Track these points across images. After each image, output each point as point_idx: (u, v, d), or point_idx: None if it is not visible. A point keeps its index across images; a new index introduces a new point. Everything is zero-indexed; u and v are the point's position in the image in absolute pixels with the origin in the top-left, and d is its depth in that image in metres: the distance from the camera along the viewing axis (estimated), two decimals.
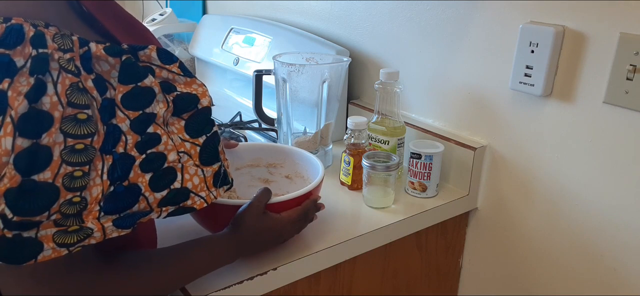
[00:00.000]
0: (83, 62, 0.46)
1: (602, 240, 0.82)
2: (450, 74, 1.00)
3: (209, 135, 0.55)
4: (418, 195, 0.95)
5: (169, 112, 0.52)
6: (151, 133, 0.50)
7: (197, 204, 0.54)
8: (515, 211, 0.94)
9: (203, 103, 0.54)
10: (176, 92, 0.52)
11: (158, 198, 0.50)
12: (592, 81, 0.79)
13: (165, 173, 0.51)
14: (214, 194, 0.56)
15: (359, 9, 1.17)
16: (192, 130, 0.53)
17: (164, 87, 0.52)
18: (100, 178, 0.46)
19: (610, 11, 0.75)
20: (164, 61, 0.52)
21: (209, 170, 0.55)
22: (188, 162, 0.52)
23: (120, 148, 0.48)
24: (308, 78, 0.99)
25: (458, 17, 0.96)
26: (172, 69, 0.53)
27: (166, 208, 0.51)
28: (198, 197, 0.54)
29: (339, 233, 0.81)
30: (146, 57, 0.51)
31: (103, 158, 0.47)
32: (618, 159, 0.78)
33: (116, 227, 0.48)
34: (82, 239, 0.46)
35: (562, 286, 0.90)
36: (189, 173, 0.52)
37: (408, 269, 0.96)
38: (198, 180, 0.53)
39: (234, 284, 0.69)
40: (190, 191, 0.53)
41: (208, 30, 1.56)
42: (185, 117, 0.53)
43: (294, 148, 0.92)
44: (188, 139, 0.53)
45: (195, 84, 0.55)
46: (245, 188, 0.89)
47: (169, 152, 0.51)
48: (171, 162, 0.51)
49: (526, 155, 0.90)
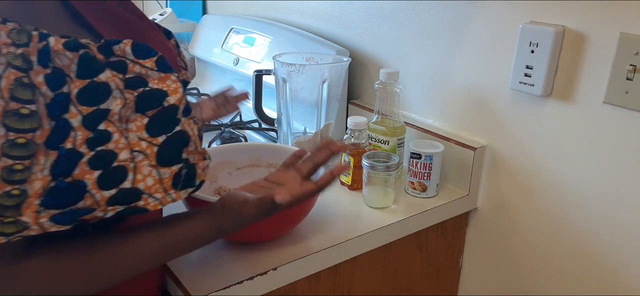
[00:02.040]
0: (40, 56, 0.46)
1: (602, 240, 0.83)
2: (450, 74, 1.00)
3: (169, 134, 0.53)
4: (418, 195, 0.95)
5: (128, 109, 0.50)
6: (102, 130, 0.49)
7: (150, 205, 0.52)
8: (515, 211, 0.94)
9: (169, 101, 0.52)
10: (143, 88, 0.51)
11: (106, 197, 0.49)
12: (592, 81, 0.79)
13: (114, 172, 0.49)
14: (173, 196, 0.54)
15: (359, 9, 1.17)
16: (152, 128, 0.52)
17: (133, 82, 0.51)
18: (42, 172, 0.46)
19: (610, 11, 0.75)
20: (139, 55, 0.52)
21: (166, 171, 0.53)
22: (142, 162, 0.51)
23: (68, 144, 0.47)
24: (308, 78, 0.99)
25: (458, 17, 0.96)
26: (146, 64, 0.52)
27: (113, 207, 0.50)
28: (152, 198, 0.52)
29: (339, 233, 0.81)
30: (120, 51, 0.51)
31: (47, 153, 0.47)
32: (618, 159, 0.78)
33: (55, 222, 0.48)
34: (20, 230, 0.47)
35: (562, 286, 0.90)
36: (142, 173, 0.51)
37: (408, 269, 0.96)
38: (152, 181, 0.52)
39: (234, 284, 0.69)
40: (142, 192, 0.51)
41: (208, 30, 1.56)
42: (149, 114, 0.52)
43: (294, 148, 0.92)
44: (146, 138, 0.51)
45: (169, 80, 0.53)
46: None
47: (120, 150, 0.50)
48: (122, 160, 0.50)
49: (526, 155, 0.90)
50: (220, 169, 0.88)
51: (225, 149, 0.89)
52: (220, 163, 0.88)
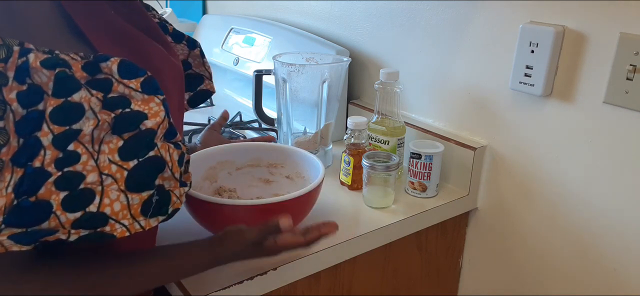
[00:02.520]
0: (18, 73, 0.45)
1: (602, 240, 0.83)
2: (450, 73, 1.00)
3: (141, 159, 0.51)
4: (418, 195, 0.95)
5: (102, 130, 0.49)
6: (71, 151, 0.47)
7: (117, 232, 0.50)
8: (515, 211, 0.94)
9: (147, 125, 0.51)
10: (123, 109, 0.50)
11: (71, 219, 0.48)
12: (592, 81, 0.79)
13: (81, 194, 0.48)
14: (142, 224, 0.51)
15: (359, 9, 1.17)
16: (125, 152, 0.50)
17: (113, 102, 0.49)
18: (6, 190, 0.45)
19: (610, 11, 0.75)
20: (124, 75, 0.51)
21: (135, 197, 0.51)
22: (111, 186, 0.49)
23: (37, 162, 0.46)
24: (308, 78, 0.99)
25: (458, 17, 0.96)
26: (130, 85, 0.51)
27: (77, 231, 0.48)
28: (119, 224, 0.50)
29: (339, 233, 0.81)
30: (107, 69, 0.50)
31: (13, 170, 0.45)
32: (618, 159, 0.78)
33: (15, 242, 0.46)
34: None
35: (561, 286, 0.90)
36: (109, 197, 0.49)
37: (408, 269, 0.96)
38: (119, 206, 0.50)
39: (234, 284, 0.69)
40: (108, 216, 0.49)
41: (208, 30, 1.56)
42: (125, 136, 0.50)
43: (294, 148, 0.92)
44: (117, 161, 0.49)
45: (153, 102, 0.52)
46: (246, 188, 0.89)
47: (88, 172, 0.48)
48: (89, 183, 0.48)
49: (526, 155, 0.90)
50: (220, 169, 0.88)
51: (225, 149, 0.89)
52: (220, 163, 0.88)
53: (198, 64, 0.84)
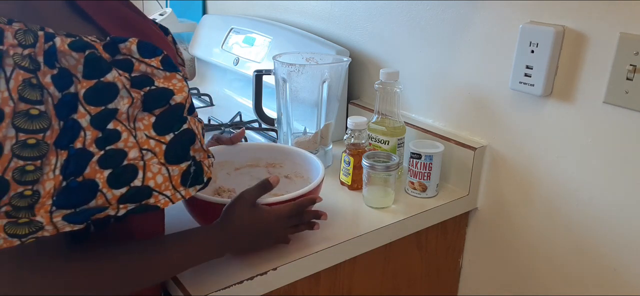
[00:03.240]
0: (47, 57, 0.46)
1: (602, 239, 0.83)
2: (450, 73, 1.00)
3: (177, 132, 0.53)
4: (418, 195, 0.95)
5: (135, 108, 0.51)
6: (111, 130, 0.49)
7: (161, 203, 0.53)
8: (515, 211, 0.94)
9: (176, 100, 0.53)
10: (150, 87, 0.52)
11: (117, 195, 0.50)
12: (592, 81, 0.79)
13: (124, 171, 0.50)
14: (182, 193, 0.55)
15: (359, 9, 1.17)
16: (160, 127, 0.52)
17: (139, 81, 0.51)
18: (53, 172, 0.47)
19: (610, 11, 0.75)
20: (144, 54, 0.52)
21: (175, 169, 0.53)
22: (151, 160, 0.52)
23: (78, 143, 0.47)
24: (308, 78, 0.99)
25: (458, 17, 0.96)
26: (152, 63, 0.52)
27: (124, 206, 0.51)
28: (162, 196, 0.53)
29: (339, 233, 0.81)
30: (126, 49, 0.51)
31: (57, 153, 0.47)
32: (618, 159, 0.78)
33: (68, 222, 0.48)
34: (34, 231, 0.47)
35: (561, 286, 0.90)
36: (151, 171, 0.52)
37: (408, 269, 0.96)
38: (162, 179, 0.52)
39: (234, 284, 0.69)
40: (152, 189, 0.52)
41: (208, 30, 1.56)
42: (156, 113, 0.52)
43: (293, 148, 0.92)
44: (154, 136, 0.52)
45: (175, 79, 0.54)
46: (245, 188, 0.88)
47: (130, 149, 0.50)
48: (132, 159, 0.50)
49: (526, 155, 0.90)
50: (219, 169, 0.88)
51: (223, 149, 0.89)
52: (219, 164, 0.88)
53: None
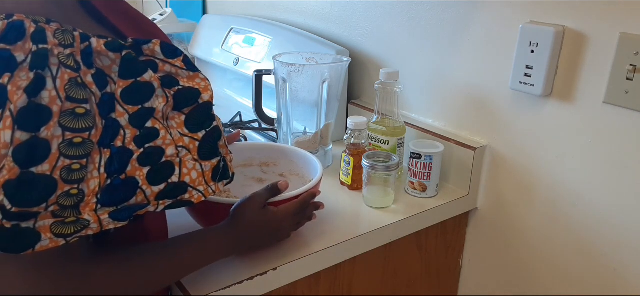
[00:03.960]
0: (84, 57, 0.47)
1: (602, 239, 0.82)
2: (450, 73, 1.00)
3: (208, 130, 0.55)
4: (418, 195, 0.95)
5: (168, 107, 0.52)
6: (150, 128, 0.50)
7: (195, 198, 0.54)
8: (515, 211, 0.94)
9: (204, 98, 0.55)
10: (178, 87, 0.53)
11: (155, 192, 0.51)
12: (592, 81, 0.79)
13: (163, 167, 0.51)
14: (213, 188, 0.56)
15: (359, 9, 1.17)
16: (191, 124, 0.54)
17: (166, 81, 0.52)
18: (98, 171, 0.47)
19: (610, 11, 0.75)
20: (168, 55, 0.53)
21: (207, 165, 0.55)
22: (186, 157, 0.53)
23: (118, 142, 0.48)
24: (308, 78, 0.99)
25: (458, 17, 0.96)
26: (176, 63, 0.54)
27: (163, 202, 0.52)
28: (196, 191, 0.54)
29: (339, 233, 0.81)
30: (150, 51, 0.52)
31: (101, 151, 0.47)
32: (618, 159, 0.78)
33: (113, 219, 0.49)
34: (79, 230, 0.47)
35: (561, 286, 0.90)
36: (187, 167, 0.53)
37: (408, 269, 0.96)
38: (196, 175, 0.54)
39: (234, 284, 0.69)
40: (188, 185, 0.53)
41: (208, 30, 1.56)
42: (185, 111, 0.54)
43: (287, 146, 0.92)
44: (187, 134, 0.53)
45: (198, 78, 0.55)
46: (240, 188, 0.89)
47: (167, 146, 0.51)
48: (169, 156, 0.51)
49: (526, 155, 0.90)
50: None
51: None
52: None
53: None
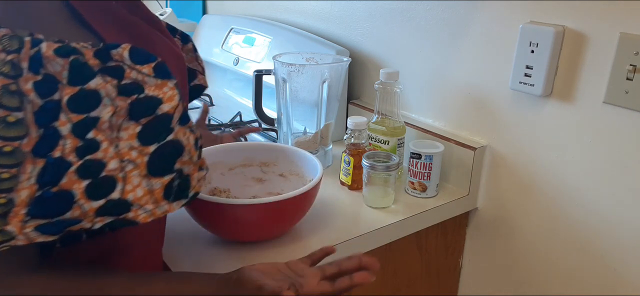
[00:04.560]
0: (32, 63, 0.45)
1: (602, 239, 0.83)
2: (450, 73, 1.00)
3: (161, 143, 0.51)
4: (418, 195, 0.95)
5: (120, 117, 0.49)
6: (91, 139, 0.47)
7: (140, 217, 0.50)
8: (515, 211, 0.94)
9: (163, 109, 0.50)
10: (137, 95, 0.50)
11: (94, 207, 0.48)
12: (592, 81, 0.79)
13: (103, 182, 0.48)
14: (165, 208, 0.52)
15: (359, 9, 1.17)
16: (144, 137, 0.50)
17: (128, 89, 0.50)
18: (29, 181, 0.45)
19: (610, 11, 0.75)
20: (136, 61, 0.50)
21: (157, 182, 0.51)
22: (132, 172, 0.49)
23: (57, 152, 0.46)
24: (308, 78, 0.99)
25: (458, 17, 0.96)
26: (143, 70, 0.50)
27: (101, 219, 0.48)
28: (142, 210, 0.50)
29: (339, 233, 0.81)
30: (118, 56, 0.50)
31: (34, 161, 0.46)
32: (618, 159, 0.78)
33: (41, 233, 0.46)
34: (6, 241, 0.46)
35: (562, 286, 0.90)
36: (131, 183, 0.49)
37: (408, 269, 0.96)
38: (142, 192, 0.50)
39: None
40: (131, 203, 0.49)
41: (208, 30, 1.56)
42: (142, 122, 0.50)
43: (286, 146, 0.92)
44: (136, 147, 0.49)
45: (166, 87, 0.51)
46: (240, 188, 0.89)
47: (109, 159, 0.48)
48: (111, 170, 0.48)
49: (526, 155, 0.90)
50: (213, 170, 0.88)
51: (217, 150, 0.89)
52: (213, 164, 0.88)
53: (191, 58, 0.83)
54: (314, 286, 0.58)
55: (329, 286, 0.59)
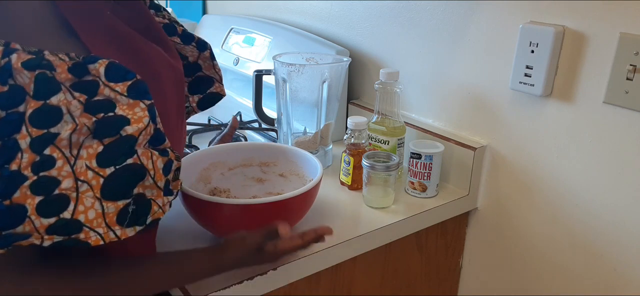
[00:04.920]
0: (1, 73, 0.45)
1: (602, 239, 0.83)
2: (450, 73, 1.00)
3: (118, 166, 0.50)
4: (418, 195, 0.95)
5: (81, 135, 0.48)
6: (47, 155, 0.47)
7: (92, 239, 0.49)
8: (515, 211, 0.94)
9: (127, 131, 0.50)
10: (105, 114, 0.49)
11: (45, 225, 0.47)
12: (592, 81, 0.79)
13: (56, 200, 0.47)
14: (117, 233, 0.50)
15: (359, 9, 1.17)
16: (104, 158, 0.49)
17: (98, 106, 0.49)
18: None
19: (610, 11, 0.75)
20: (111, 78, 0.50)
21: (111, 206, 0.50)
22: (86, 193, 0.48)
23: (14, 165, 0.45)
24: (308, 78, 0.99)
25: (458, 17, 0.96)
26: (116, 88, 0.50)
27: (51, 237, 0.48)
28: (93, 233, 0.49)
29: (339, 233, 0.81)
30: (95, 71, 0.49)
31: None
32: (618, 159, 0.78)
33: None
34: None
35: (562, 286, 0.90)
36: (84, 204, 0.48)
37: (408, 269, 0.96)
38: (94, 215, 0.49)
39: (234, 284, 0.69)
40: (82, 224, 0.48)
41: (208, 30, 1.56)
42: (105, 142, 0.49)
43: (286, 146, 0.92)
44: (94, 167, 0.49)
45: (138, 107, 0.51)
46: (240, 187, 0.89)
47: (64, 178, 0.47)
48: (65, 189, 0.47)
49: (526, 155, 0.90)
50: (213, 170, 0.88)
51: (217, 150, 0.89)
52: (213, 165, 0.88)
53: (208, 66, 0.83)
54: (288, 242, 0.65)
55: (299, 238, 0.66)
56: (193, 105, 0.83)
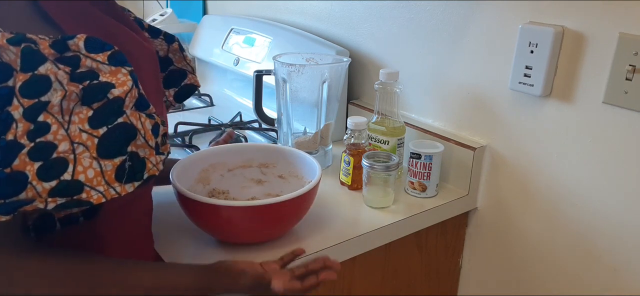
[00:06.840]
0: None
1: (602, 239, 0.83)
2: (450, 74, 1.00)
3: (110, 126, 0.52)
4: (418, 195, 0.95)
5: (71, 101, 0.51)
6: (41, 122, 0.49)
7: (93, 198, 0.51)
8: (515, 211, 0.95)
9: (114, 93, 0.52)
10: (91, 81, 0.51)
11: (47, 188, 0.49)
12: (591, 81, 0.79)
13: (55, 163, 0.50)
14: (117, 189, 0.53)
15: (359, 9, 1.17)
16: (95, 120, 0.52)
17: (83, 76, 0.51)
18: None
19: (610, 11, 0.75)
20: (91, 50, 0.53)
21: (108, 164, 0.52)
22: (83, 154, 0.51)
23: (10, 135, 0.48)
24: (308, 79, 0.99)
25: (458, 17, 0.96)
26: (97, 58, 0.53)
27: (54, 199, 0.50)
28: (94, 191, 0.52)
29: (338, 233, 0.81)
30: (75, 46, 0.52)
31: None
32: (618, 159, 0.78)
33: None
34: None
35: (561, 286, 0.90)
36: (82, 165, 0.51)
37: (408, 269, 0.96)
38: (93, 173, 0.51)
39: None
40: (83, 184, 0.51)
41: (208, 30, 1.56)
42: (94, 106, 0.52)
43: (285, 147, 0.92)
44: (87, 130, 0.51)
45: (120, 73, 0.54)
46: (239, 189, 0.89)
47: (60, 141, 0.50)
48: (62, 152, 0.50)
49: (526, 155, 0.90)
50: (212, 171, 0.88)
51: (217, 151, 0.89)
52: (213, 165, 0.88)
53: (179, 58, 0.83)
54: (286, 283, 0.64)
55: (299, 284, 0.65)
56: (170, 99, 0.83)
